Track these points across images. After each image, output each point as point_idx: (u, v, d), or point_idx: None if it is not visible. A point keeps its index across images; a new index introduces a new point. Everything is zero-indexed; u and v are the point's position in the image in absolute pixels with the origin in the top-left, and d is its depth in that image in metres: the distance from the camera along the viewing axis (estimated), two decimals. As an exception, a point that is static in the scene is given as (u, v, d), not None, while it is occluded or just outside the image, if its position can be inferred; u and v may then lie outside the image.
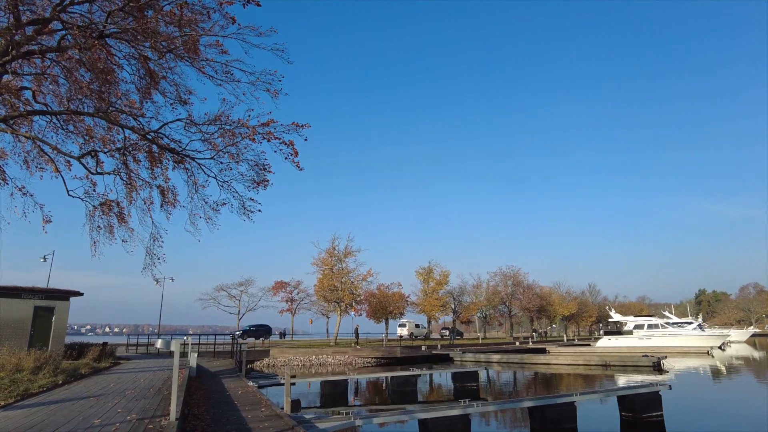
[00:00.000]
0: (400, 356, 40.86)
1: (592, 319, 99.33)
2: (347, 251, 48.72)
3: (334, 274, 47.71)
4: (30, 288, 19.92)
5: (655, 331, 54.79)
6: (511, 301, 76.34)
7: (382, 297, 55.96)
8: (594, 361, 35.81)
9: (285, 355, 38.68)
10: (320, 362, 38.35)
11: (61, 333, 20.46)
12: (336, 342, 46.32)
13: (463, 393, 22.19)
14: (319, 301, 56.03)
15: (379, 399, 22.13)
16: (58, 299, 20.53)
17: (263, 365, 36.97)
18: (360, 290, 49.08)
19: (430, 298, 57.60)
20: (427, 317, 59.83)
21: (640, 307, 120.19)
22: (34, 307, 19.84)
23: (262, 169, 14.31)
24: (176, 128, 13.83)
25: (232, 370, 20.06)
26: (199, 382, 15.98)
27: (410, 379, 21.20)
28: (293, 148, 13.43)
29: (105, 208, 15.98)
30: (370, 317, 61.72)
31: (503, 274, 78.25)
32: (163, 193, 15.85)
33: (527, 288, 79.41)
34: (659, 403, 14.32)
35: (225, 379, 17.26)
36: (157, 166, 15.26)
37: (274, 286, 60.51)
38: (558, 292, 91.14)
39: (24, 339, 19.41)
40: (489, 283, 74.89)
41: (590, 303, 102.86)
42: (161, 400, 9.12)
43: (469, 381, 22.53)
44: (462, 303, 65.13)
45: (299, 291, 62.40)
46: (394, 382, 21.28)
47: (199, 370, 19.45)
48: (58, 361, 15.21)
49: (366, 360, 39.64)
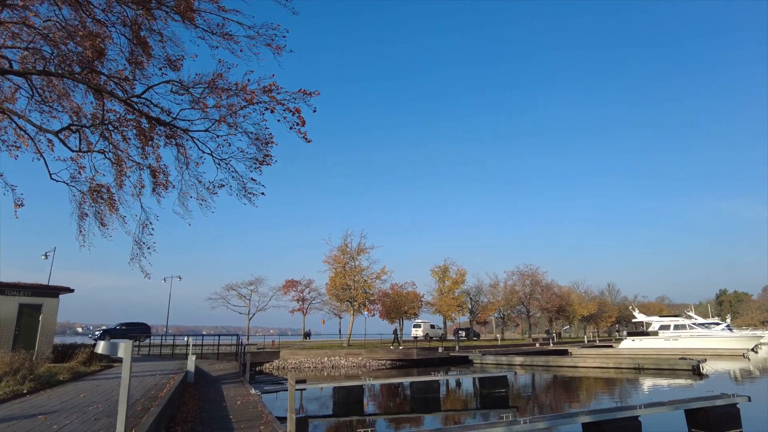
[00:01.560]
0: (416, 358, 38.76)
1: (612, 319, 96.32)
2: (360, 248, 46.60)
3: (346, 272, 45.63)
4: (14, 284, 18.13)
5: (682, 332, 51.92)
6: (529, 301, 73.77)
7: (396, 296, 53.85)
8: (626, 363, 33.34)
9: (296, 356, 36.71)
10: (333, 364, 36.36)
11: (49, 333, 18.64)
12: (349, 343, 44.26)
13: (491, 400, 20.03)
14: (331, 301, 54.07)
15: (398, 406, 20.01)
16: (46, 296, 18.73)
17: (272, 367, 35.08)
18: (373, 289, 46.90)
19: (445, 298, 55.32)
20: (443, 317, 57.56)
21: (660, 308, 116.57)
22: (19, 305, 18.07)
23: (265, 143, 12.28)
24: (165, 95, 11.84)
25: (235, 374, 18.10)
26: (195, 390, 14.00)
27: (432, 384, 19.08)
28: (299, 117, 11.36)
29: (94, 194, 14.12)
30: (384, 317, 59.59)
31: (521, 273, 75.70)
32: (155, 174, 13.93)
33: (546, 287, 76.74)
34: (738, 418, 11.95)
35: (225, 386, 15.27)
36: (148, 144, 13.32)
37: (284, 285, 58.69)
38: (577, 292, 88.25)
39: (7, 340, 17.62)
40: (507, 283, 72.37)
41: (610, 303, 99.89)
42: (131, 418, 7.11)
43: (497, 387, 20.34)
44: (479, 303, 62.73)
45: (311, 290, 60.54)
46: (415, 388, 19.16)
47: (198, 375, 17.49)
48: (35, 365, 13.33)
49: (380, 362, 37.55)
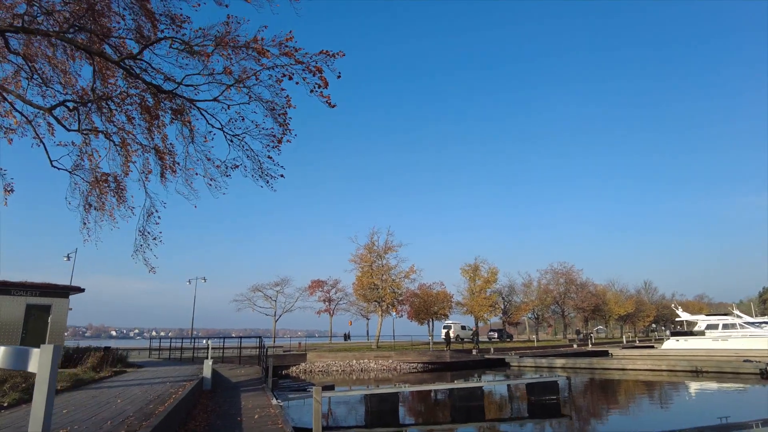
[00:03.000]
0: (449, 361, 36.64)
1: (650, 319, 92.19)
2: (387, 246, 44.66)
3: (373, 271, 43.75)
4: (21, 283, 16.88)
5: (732, 331, 48.08)
6: (564, 300, 70.59)
7: (425, 296, 51.70)
8: (681, 366, 30.51)
9: (323, 359, 35.07)
10: (362, 368, 34.57)
11: (58, 335, 17.33)
12: (378, 345, 42.39)
13: (541, 409, 17.85)
14: (358, 301, 52.33)
15: (437, 416, 18.03)
16: (55, 296, 17.43)
17: (299, 371, 33.54)
18: (402, 289, 44.85)
19: (477, 298, 52.77)
20: (474, 318, 55.04)
21: (700, 306, 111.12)
22: (27, 306, 16.81)
23: (282, 113, 10.50)
24: (165, 57, 10.17)
25: (257, 380, 16.41)
26: (209, 400, 12.32)
27: (475, 391, 17.01)
28: (321, 77, 9.54)
29: (102, 185, 12.64)
30: (412, 318, 57.47)
31: (554, 272, 72.65)
32: (161, 157, 12.33)
33: (581, 286, 73.49)
34: None
35: (245, 393, 13.58)
36: (154, 123, 11.71)
37: (310, 286, 57.27)
38: (612, 291, 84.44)
39: (14, 343, 16.32)
40: (540, 282, 69.39)
41: (647, 302, 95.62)
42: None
43: (547, 393, 18.13)
44: (512, 303, 60.03)
45: (337, 290, 58.96)
46: (457, 396, 17.12)
47: (217, 381, 15.88)
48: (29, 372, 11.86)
49: (411, 365, 35.58)
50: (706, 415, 16.93)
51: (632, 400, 20.97)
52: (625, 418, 17.02)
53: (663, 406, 19.38)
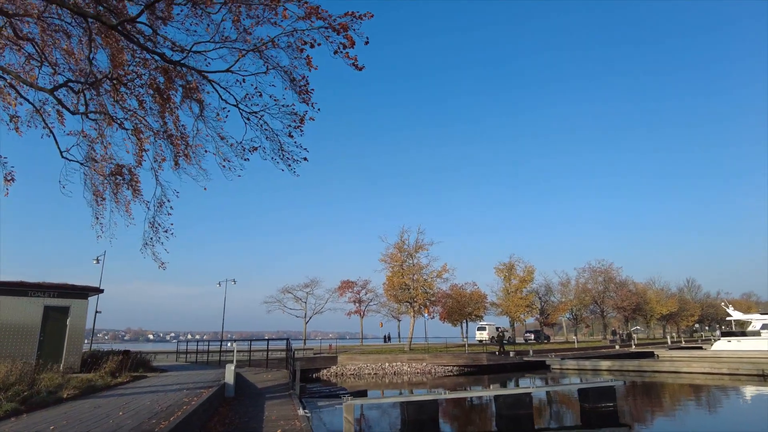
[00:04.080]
0: (486, 364, 34.82)
1: (694, 318, 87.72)
2: (418, 245, 43.04)
3: (404, 270, 42.23)
4: (38, 283, 16.09)
5: None
6: (603, 299, 67.47)
7: (458, 297, 49.88)
8: (745, 369, 27.90)
9: (354, 362, 33.78)
10: (394, 371, 33.10)
11: (77, 339, 16.47)
12: (411, 347, 40.83)
13: (596, 417, 16.02)
14: (389, 302, 50.89)
15: (481, 425, 16.42)
16: (74, 297, 16.60)
17: (330, 374, 32.34)
18: (434, 288, 43.13)
19: (513, 298, 50.75)
20: (510, 319, 52.95)
21: (748, 305, 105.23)
22: (44, 307, 16.00)
23: (304, 85, 9.17)
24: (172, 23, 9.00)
25: (283, 386, 15.15)
26: (231, 408, 11.09)
27: (523, 398, 15.33)
28: (347, 35, 8.16)
29: (117, 178, 11.65)
30: (444, 320, 55.71)
31: (592, 270, 69.64)
32: (175, 143, 11.22)
33: (620, 284, 70.15)
34: None
35: (270, 401, 12.31)
36: (165, 105, 10.59)
37: (340, 287, 56.19)
38: (654, 289, 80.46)
39: (31, 348, 15.56)
40: (578, 280, 66.50)
41: (690, 300, 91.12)
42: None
43: (603, 400, 16.25)
44: (550, 303, 57.55)
45: (367, 291, 57.68)
46: (503, 403, 15.47)
47: (241, 387, 14.71)
48: (37, 378, 10.88)
49: (446, 368, 33.92)
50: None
51: (699, 407, 18.86)
52: (699, 427, 15.09)
53: (739, 414, 17.25)
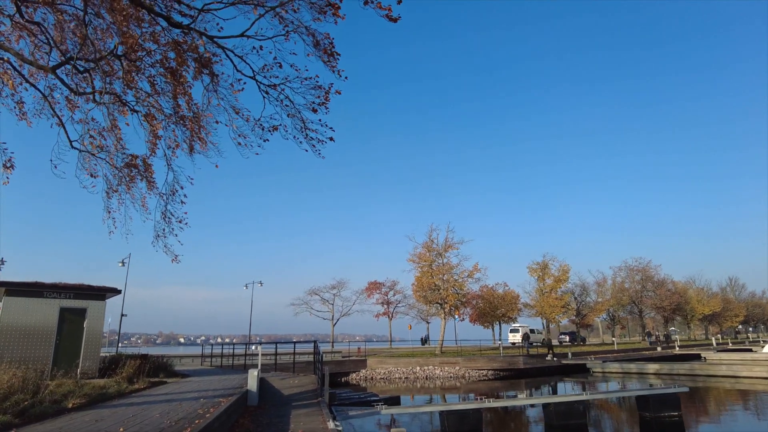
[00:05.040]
0: (523, 368, 33.07)
1: (739, 318, 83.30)
2: (447, 244, 41.41)
3: (433, 270, 40.70)
4: (54, 284, 15.30)
5: None
6: (641, 299, 64.42)
7: (490, 297, 48.04)
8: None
9: (384, 365, 32.49)
10: (426, 375, 31.67)
11: (95, 342, 15.61)
12: (442, 350, 39.30)
13: (659, 428, 14.29)
14: (418, 304, 49.36)
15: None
16: (91, 298, 15.76)
17: (359, 378, 31.16)
18: (465, 288, 41.40)
19: (548, 298, 48.59)
20: (545, 320, 50.76)
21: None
22: (60, 309, 15.19)
23: (328, 41, 7.91)
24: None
25: (311, 392, 13.94)
26: (253, 419, 9.89)
27: (576, 406, 13.75)
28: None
29: (132, 170, 10.67)
30: (474, 322, 53.89)
31: (629, 269, 66.66)
32: (188, 126, 10.16)
33: (659, 284, 66.86)
34: None
35: (296, 410, 11.10)
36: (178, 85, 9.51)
37: (367, 288, 54.91)
38: (694, 288, 76.67)
39: (46, 352, 14.75)
40: (615, 279, 63.67)
41: (734, 300, 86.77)
42: None
43: (666, 408, 14.50)
44: (586, 303, 55.08)
45: (395, 292, 56.25)
46: (553, 412, 13.91)
47: (266, 394, 13.56)
48: (40, 386, 9.90)
49: (481, 372, 32.32)
50: None
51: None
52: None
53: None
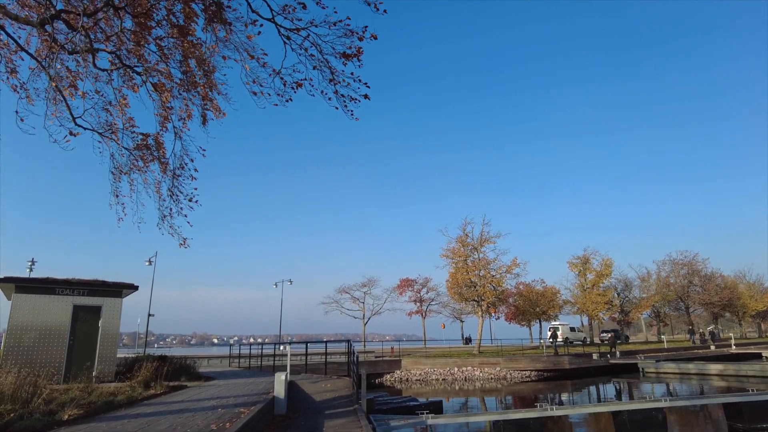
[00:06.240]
0: (568, 368, 30.80)
1: (796, 315, 78.02)
2: (483, 238, 39.26)
3: (468, 266, 38.68)
4: (66, 280, 14.17)
5: None
6: (687, 294, 60.75)
7: (529, 294, 45.70)
8: None
9: (420, 366, 30.76)
10: (465, 376, 29.79)
11: (111, 342, 14.39)
12: (479, 350, 37.28)
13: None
14: (452, 302, 47.42)
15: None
16: (106, 295, 14.57)
17: (394, 379, 29.56)
18: (504, 285, 39.15)
19: (590, 294, 45.95)
20: (587, 318, 48.11)
21: None
22: (74, 307, 14.04)
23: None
24: None
25: (346, 397, 12.33)
26: (280, 430, 8.33)
27: (654, 414, 11.75)
28: None
29: (144, 152, 9.36)
30: (511, 320, 51.56)
31: (674, 262, 63.01)
32: (201, 92, 8.73)
33: (706, 278, 62.92)
34: None
35: (331, 420, 9.48)
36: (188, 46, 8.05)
37: (399, 285, 53.16)
38: (745, 282, 72.04)
39: (60, 352, 13.61)
40: (659, 274, 60.24)
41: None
42: None
43: (764, 419, 12.36)
44: (630, 299, 52.08)
45: (428, 289, 54.31)
46: (627, 421, 11.92)
47: (295, 400, 12.02)
48: (40, 392, 8.57)
49: (523, 373, 30.25)
50: None
51: None
52: None
53: None
